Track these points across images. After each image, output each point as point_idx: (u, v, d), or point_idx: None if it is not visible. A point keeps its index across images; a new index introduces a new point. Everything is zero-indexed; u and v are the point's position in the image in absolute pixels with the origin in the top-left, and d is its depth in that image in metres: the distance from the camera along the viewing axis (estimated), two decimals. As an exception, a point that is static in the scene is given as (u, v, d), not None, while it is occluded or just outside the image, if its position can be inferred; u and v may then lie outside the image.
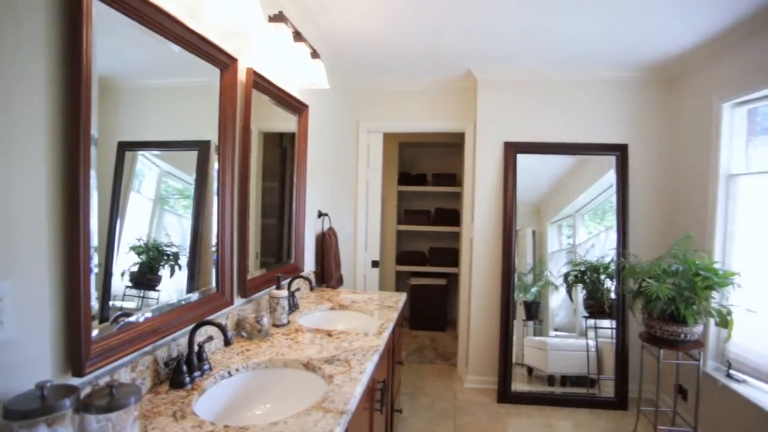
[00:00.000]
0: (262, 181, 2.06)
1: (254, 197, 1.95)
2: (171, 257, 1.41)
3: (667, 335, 2.50)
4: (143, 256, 1.27)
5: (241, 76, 1.73)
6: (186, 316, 1.37)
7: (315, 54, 2.24)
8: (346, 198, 3.59)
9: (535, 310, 3.51)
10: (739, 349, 2.55)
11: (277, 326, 1.86)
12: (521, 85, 3.37)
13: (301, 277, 2.19)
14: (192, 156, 1.54)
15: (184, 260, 1.45)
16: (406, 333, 4.86)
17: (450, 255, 4.97)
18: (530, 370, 3.37)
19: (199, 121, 1.54)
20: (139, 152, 1.26)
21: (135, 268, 1.23)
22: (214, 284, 1.57)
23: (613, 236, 3.33)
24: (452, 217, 4.96)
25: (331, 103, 3.08)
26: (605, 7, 2.25)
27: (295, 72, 2.13)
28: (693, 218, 2.93)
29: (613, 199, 3.31)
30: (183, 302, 1.40)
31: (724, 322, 2.41)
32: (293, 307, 2.10)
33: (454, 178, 4.99)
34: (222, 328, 1.28)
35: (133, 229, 1.23)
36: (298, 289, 2.26)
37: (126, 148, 1.18)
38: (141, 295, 1.26)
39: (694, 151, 2.96)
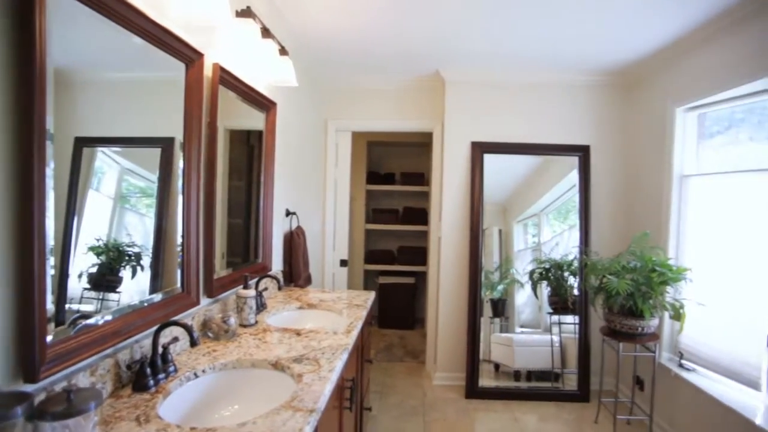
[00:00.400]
0: (228, 180, 2.02)
1: (221, 196, 1.91)
2: (133, 257, 1.36)
3: (626, 329, 2.61)
4: (103, 257, 1.22)
5: (208, 71, 1.69)
6: (150, 317, 1.33)
7: (283, 51, 2.21)
8: (314, 197, 3.57)
9: (501, 308, 3.58)
10: (690, 341, 2.69)
11: (245, 326, 1.83)
12: (488, 87, 3.44)
13: (269, 276, 2.16)
14: (155, 153, 1.49)
15: (147, 260, 1.40)
16: (375, 332, 4.87)
17: (418, 254, 5.01)
18: (497, 366, 3.44)
19: (164, 117, 1.50)
20: (99, 148, 1.21)
21: (94, 270, 1.18)
22: (179, 284, 1.53)
23: (576, 235, 3.44)
24: (420, 216, 5.00)
25: (299, 101, 3.05)
26: (569, 13, 2.32)
27: (263, 69, 2.10)
28: (650, 217, 3.07)
29: (576, 198, 3.42)
30: (146, 303, 1.35)
31: (677, 315, 2.54)
32: (261, 306, 2.07)
33: (422, 178, 5.04)
34: (188, 329, 1.25)
35: (92, 228, 1.18)
36: (265, 289, 2.23)
37: (84, 143, 1.13)
38: (100, 297, 1.22)
39: (650, 152, 3.10)
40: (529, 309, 3.60)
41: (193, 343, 1.24)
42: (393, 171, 5.22)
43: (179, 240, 1.54)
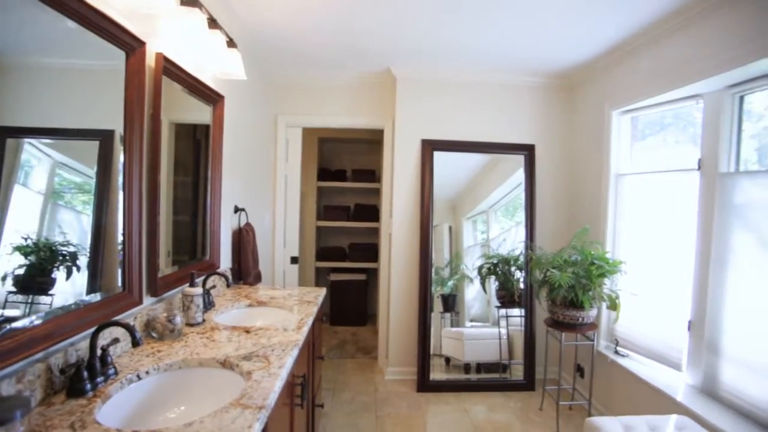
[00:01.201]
0: (174, 175, 1.94)
1: (166, 192, 1.84)
2: (68, 257, 1.28)
3: (567, 319, 2.75)
4: (32, 257, 1.15)
5: (150, 61, 1.61)
6: (86, 318, 1.26)
7: (231, 43, 2.15)
8: (264, 193, 3.50)
9: (452, 303, 3.66)
10: (624, 329, 2.87)
11: (192, 325, 1.77)
12: (439, 85, 3.50)
13: (217, 273, 2.10)
14: (93, 146, 1.41)
15: (84, 260, 1.33)
16: (327, 329, 4.85)
17: (370, 250, 5.03)
18: (448, 360, 3.52)
19: (102, 108, 1.41)
20: (25, 140, 1.13)
21: (21, 271, 1.11)
22: (120, 283, 1.46)
23: (522, 231, 3.57)
24: (372, 212, 5.03)
25: (248, 96, 2.98)
26: (518, 16, 2.40)
27: (210, 60, 2.04)
28: (590, 213, 3.25)
29: (522, 196, 3.56)
30: (82, 304, 1.28)
31: (614, 305, 2.71)
32: (209, 305, 2.02)
33: (373, 175, 5.06)
34: (129, 328, 1.20)
35: (18, 227, 1.10)
36: (213, 287, 2.17)
37: (7, 134, 1.06)
38: (29, 300, 1.14)
39: (590, 152, 3.27)
40: (478, 303, 3.71)
41: (135, 343, 1.19)
42: (344, 168, 5.21)
43: (120, 238, 1.47)
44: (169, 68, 1.73)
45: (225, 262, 2.55)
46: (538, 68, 3.31)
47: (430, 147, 3.50)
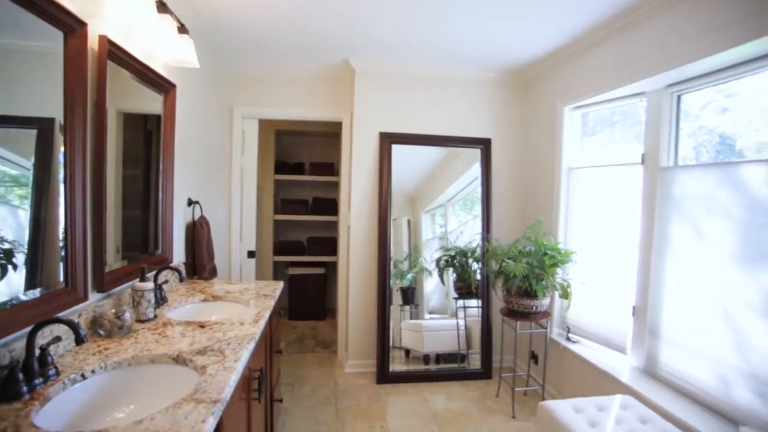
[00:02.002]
0: (123, 167, 1.85)
1: (114, 184, 1.75)
2: (1, 255, 1.20)
3: (522, 308, 2.84)
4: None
5: (93, 43, 1.52)
6: (23, 316, 1.18)
7: (183, 29, 2.07)
8: (219, 186, 3.40)
9: (411, 296, 3.70)
10: (575, 316, 3.00)
11: (143, 321, 1.70)
12: (397, 78, 3.51)
13: (170, 268, 2.02)
14: (30, 135, 1.31)
15: (21, 257, 1.24)
16: (286, 323, 4.80)
17: (328, 244, 5.00)
18: (407, 351, 3.56)
19: (40, 94, 1.32)
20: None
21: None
22: (62, 279, 1.38)
23: (479, 224, 3.65)
24: (330, 206, 4.99)
25: (202, 85, 2.88)
26: (475, 11, 2.44)
27: (160, 46, 1.95)
28: (543, 205, 3.36)
29: (479, 189, 3.63)
30: (17, 302, 1.20)
31: (566, 294, 2.82)
32: (161, 300, 1.94)
33: (331, 168, 5.02)
34: (71, 325, 1.13)
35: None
36: (166, 282, 2.09)
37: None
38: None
39: (544, 146, 3.38)
40: (436, 296, 3.77)
41: (79, 341, 1.13)
42: (302, 161, 5.14)
43: (62, 233, 1.38)
44: (115, 53, 1.64)
45: (178, 257, 2.46)
46: (493, 64, 3.38)
47: (388, 140, 3.51)
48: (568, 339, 3.01)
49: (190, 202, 2.63)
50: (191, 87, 2.64)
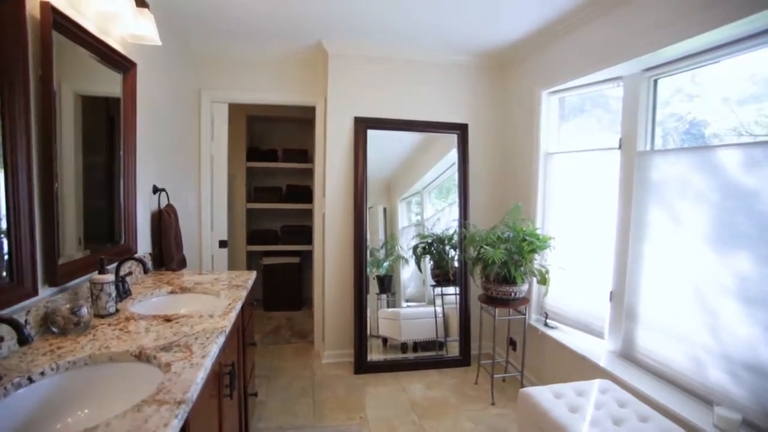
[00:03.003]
0: (84, 154, 1.73)
1: (75, 171, 1.64)
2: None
3: (501, 295, 2.82)
4: None
5: (34, 10, 1.38)
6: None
7: (141, 2, 1.92)
8: (187, 173, 3.25)
9: (387, 284, 3.65)
10: (553, 301, 3.01)
11: (103, 316, 1.59)
12: (372, 61, 3.41)
13: (133, 259, 1.90)
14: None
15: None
16: (261, 315, 4.69)
17: (303, 233, 4.90)
18: (385, 340, 3.51)
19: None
20: None
21: None
22: (5, 273, 1.26)
23: (456, 210, 3.62)
24: (305, 194, 4.88)
25: (167, 66, 2.72)
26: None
27: (116, 20, 1.80)
28: (521, 191, 3.34)
29: (455, 175, 3.59)
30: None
31: (543, 279, 2.81)
32: (124, 293, 1.83)
33: (305, 155, 4.89)
34: (13, 323, 1.02)
35: None
36: (130, 273, 1.97)
37: None
38: None
39: (521, 131, 3.35)
40: (413, 283, 3.73)
41: (23, 341, 1.02)
42: (275, 147, 4.99)
43: (4, 222, 1.25)
44: (63, 23, 1.49)
45: (144, 247, 2.33)
46: (471, 47, 3.31)
47: (363, 125, 3.42)
48: (546, 325, 3.01)
49: (156, 190, 2.49)
50: (154, 67, 2.49)
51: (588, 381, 2.12)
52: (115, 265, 1.83)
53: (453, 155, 3.60)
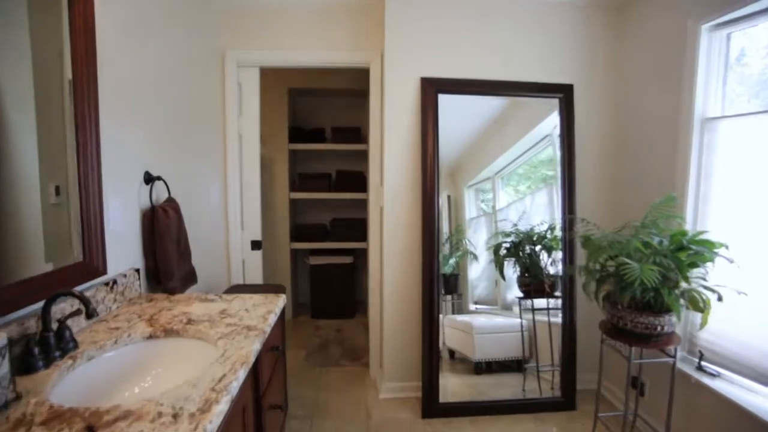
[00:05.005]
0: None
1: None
2: None
3: (640, 328, 1.89)
4: None
5: None
6: None
7: None
8: (208, 157, 2.55)
9: (453, 284, 2.85)
10: (715, 337, 2.04)
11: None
12: (443, 5, 2.54)
13: (71, 294, 1.15)
14: None
15: None
16: (307, 323, 4.01)
17: (356, 227, 4.13)
18: (452, 352, 2.74)
19: None
20: None
21: None
22: None
23: (542, 200, 2.75)
24: (358, 181, 4.10)
25: (171, 14, 2.01)
26: None
27: None
28: (656, 175, 2.37)
29: (557, 153, 2.67)
30: None
31: (700, 306, 1.85)
32: (66, 345, 1.12)
33: (358, 133, 4.11)
34: None
35: None
36: (76, 312, 1.25)
37: None
38: None
39: (657, 90, 2.36)
40: (483, 283, 2.92)
41: None
42: (322, 126, 4.24)
43: None
44: None
45: (126, 260, 1.64)
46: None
47: (433, 88, 2.56)
48: (700, 369, 2.06)
49: (149, 179, 1.78)
50: (147, 5, 1.77)
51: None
52: (41, 304, 1.11)
53: (542, 128, 2.70)
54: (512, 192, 2.86)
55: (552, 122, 2.72)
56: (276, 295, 1.67)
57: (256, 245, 2.85)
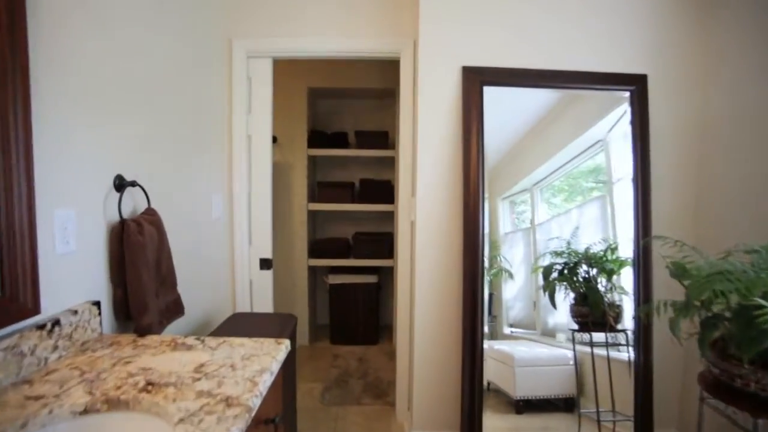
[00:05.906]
0: None
1: None
2: None
3: (759, 388, 1.39)
4: None
5: None
6: None
7: None
8: (206, 160, 2.17)
9: (489, 304, 2.42)
10: None
11: None
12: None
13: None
14: None
15: None
16: (325, 350, 3.60)
17: (382, 243, 3.71)
18: (487, 383, 2.30)
19: None
20: None
21: None
22: None
23: (593, 214, 2.35)
24: (384, 191, 3.71)
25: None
26: None
27: None
28: (755, 184, 1.87)
29: (631, 157, 2.20)
30: None
31: None
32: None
33: (385, 138, 3.71)
34: None
35: None
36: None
37: None
38: None
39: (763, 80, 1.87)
40: (519, 304, 2.52)
41: None
42: (345, 130, 3.86)
43: None
44: None
45: (80, 291, 1.24)
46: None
47: (477, 79, 2.13)
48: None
49: (122, 184, 1.39)
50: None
51: None
52: None
53: (594, 132, 2.24)
54: (546, 206, 2.44)
55: (608, 123, 2.27)
56: (276, 342, 1.25)
57: (265, 264, 2.45)
